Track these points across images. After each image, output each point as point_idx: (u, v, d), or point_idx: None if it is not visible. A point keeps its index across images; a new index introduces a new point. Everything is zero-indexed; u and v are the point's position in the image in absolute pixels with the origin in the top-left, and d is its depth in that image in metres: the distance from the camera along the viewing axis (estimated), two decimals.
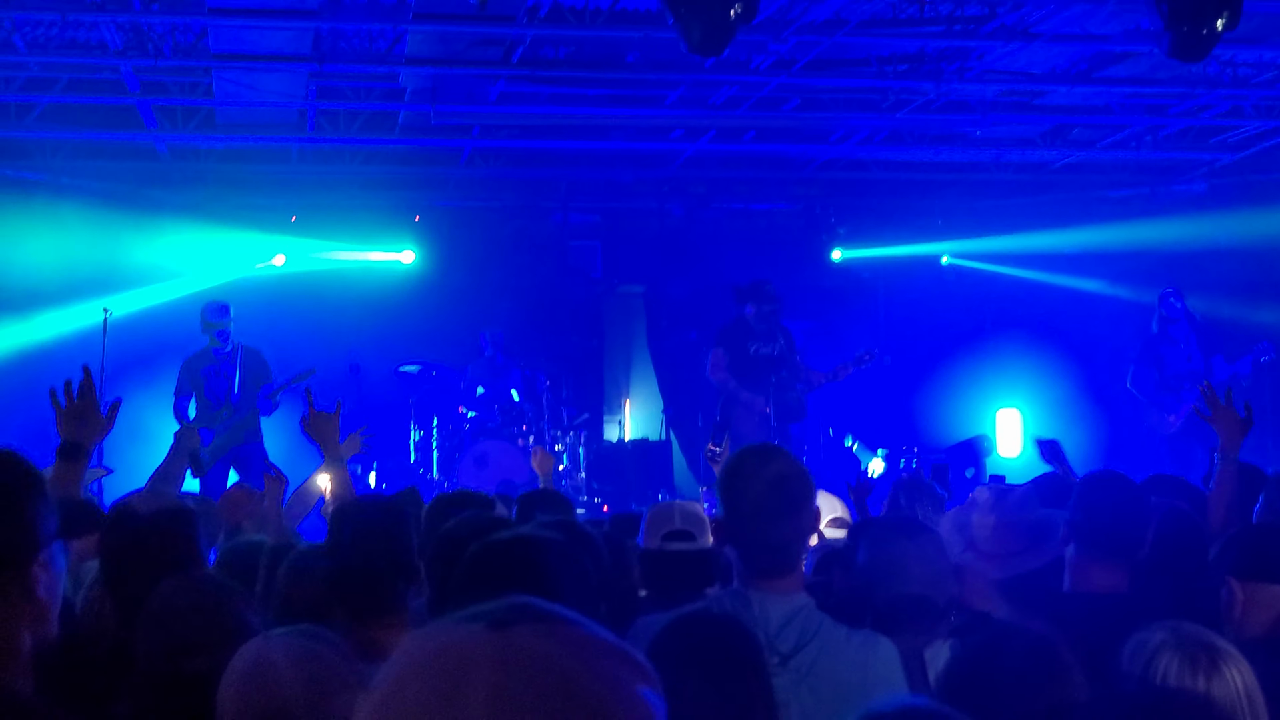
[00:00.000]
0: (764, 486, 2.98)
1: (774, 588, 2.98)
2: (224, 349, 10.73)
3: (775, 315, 10.83)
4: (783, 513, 2.97)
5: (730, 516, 3.04)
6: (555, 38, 9.98)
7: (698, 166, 13.95)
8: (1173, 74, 10.91)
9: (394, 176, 13.86)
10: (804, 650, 2.90)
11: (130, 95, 10.85)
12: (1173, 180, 14.38)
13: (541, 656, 1.07)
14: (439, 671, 1.06)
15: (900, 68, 10.73)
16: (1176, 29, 6.82)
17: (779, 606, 2.95)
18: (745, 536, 3.01)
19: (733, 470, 3.06)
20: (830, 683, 2.88)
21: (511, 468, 12.08)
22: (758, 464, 3.03)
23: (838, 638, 2.97)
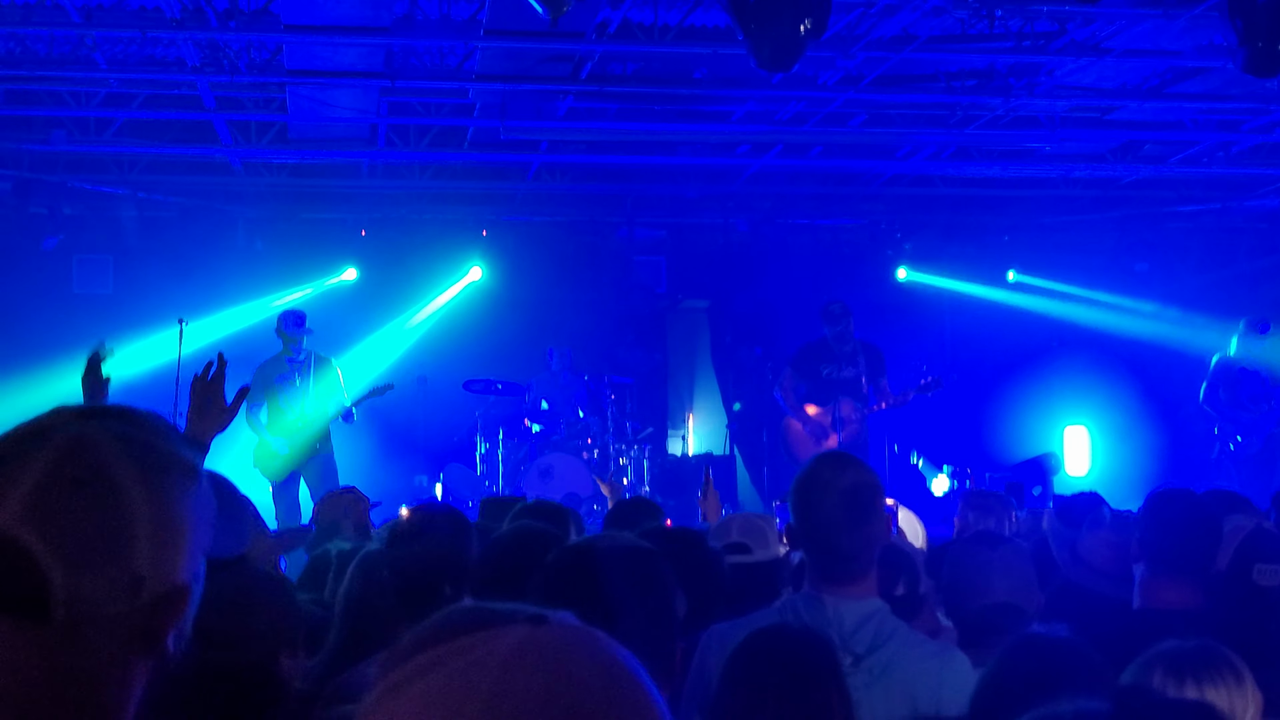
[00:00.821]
0: (837, 495, 3.02)
1: (847, 593, 3.01)
2: (297, 358, 10.85)
3: (847, 335, 10.87)
4: (855, 522, 3.01)
5: (802, 525, 3.08)
6: (623, 54, 10.05)
7: (763, 182, 13.96)
8: (1246, 90, 10.79)
9: (462, 191, 13.99)
10: (878, 652, 2.93)
11: (206, 111, 11.04)
12: (1245, 196, 14.22)
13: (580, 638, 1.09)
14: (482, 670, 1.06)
15: (969, 83, 10.70)
16: (1251, 45, 6.77)
17: (853, 609, 2.98)
18: (817, 545, 3.04)
19: (806, 479, 3.10)
20: (903, 685, 2.91)
21: (576, 481, 12.14)
22: (831, 473, 3.06)
23: (913, 643, 2.99)
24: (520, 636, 1.07)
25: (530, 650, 1.05)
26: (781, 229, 15.05)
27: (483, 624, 1.09)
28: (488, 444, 13.10)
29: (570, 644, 1.08)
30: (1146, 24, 9.11)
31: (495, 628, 1.08)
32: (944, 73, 10.58)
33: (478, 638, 1.07)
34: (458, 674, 1.04)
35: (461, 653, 1.06)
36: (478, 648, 1.06)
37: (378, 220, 13.99)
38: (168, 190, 13.14)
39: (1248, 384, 11.83)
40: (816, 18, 6.60)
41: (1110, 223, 14.92)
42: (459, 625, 1.10)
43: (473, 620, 1.10)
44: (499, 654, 1.05)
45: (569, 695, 1.04)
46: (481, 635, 1.07)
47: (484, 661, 1.04)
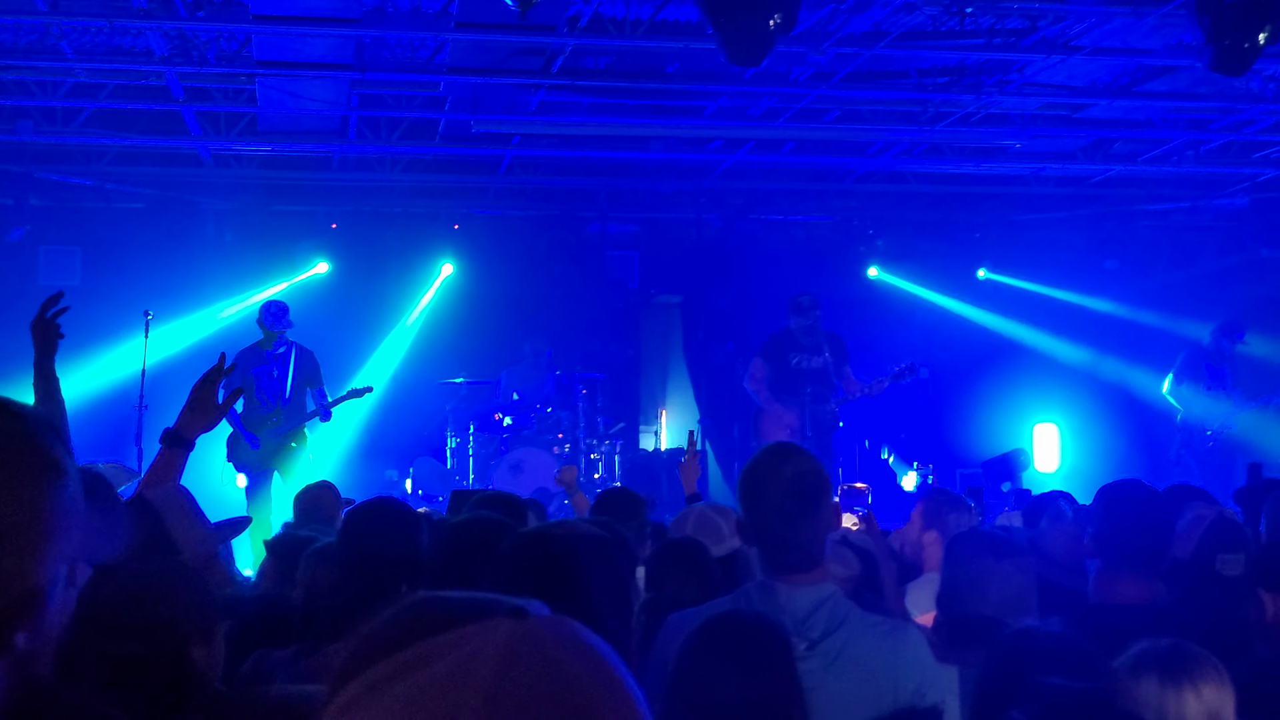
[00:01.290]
0: (783, 485, 3.02)
1: (799, 580, 3.02)
2: (277, 350, 10.61)
3: (816, 326, 10.85)
4: (802, 512, 3.02)
5: (750, 516, 3.08)
6: (596, 48, 10.03)
7: (736, 177, 13.97)
8: (1215, 88, 10.86)
9: (434, 185, 13.94)
10: (832, 636, 2.94)
11: (175, 102, 10.97)
12: (1213, 195, 14.30)
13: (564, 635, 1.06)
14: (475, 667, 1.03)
15: (940, 80, 10.73)
16: (1218, 43, 6.79)
17: (805, 595, 2.99)
18: (766, 535, 3.05)
19: (752, 471, 3.11)
20: (859, 667, 2.92)
21: (547, 475, 12.10)
22: (776, 463, 3.07)
23: (867, 625, 3.00)
24: (509, 630, 1.04)
25: (523, 644, 1.03)
26: (754, 225, 15.06)
27: (457, 618, 1.05)
28: (458, 438, 13.08)
29: (558, 636, 1.05)
30: (1116, 22, 9.15)
31: (476, 622, 1.05)
32: (915, 69, 10.60)
33: (462, 634, 1.03)
34: (449, 672, 1.01)
35: (447, 649, 1.02)
36: (465, 644, 1.02)
37: (349, 213, 13.94)
38: (136, 181, 13.06)
39: (1212, 379, 12.05)
40: (786, 13, 6.60)
41: (1080, 220, 14.99)
42: (431, 620, 1.06)
43: (445, 614, 1.07)
44: (491, 649, 1.01)
45: (566, 688, 1.01)
46: (465, 631, 1.04)
47: (476, 657, 1.01)
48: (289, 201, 13.79)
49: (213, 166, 13.05)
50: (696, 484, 6.56)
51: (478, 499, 4.48)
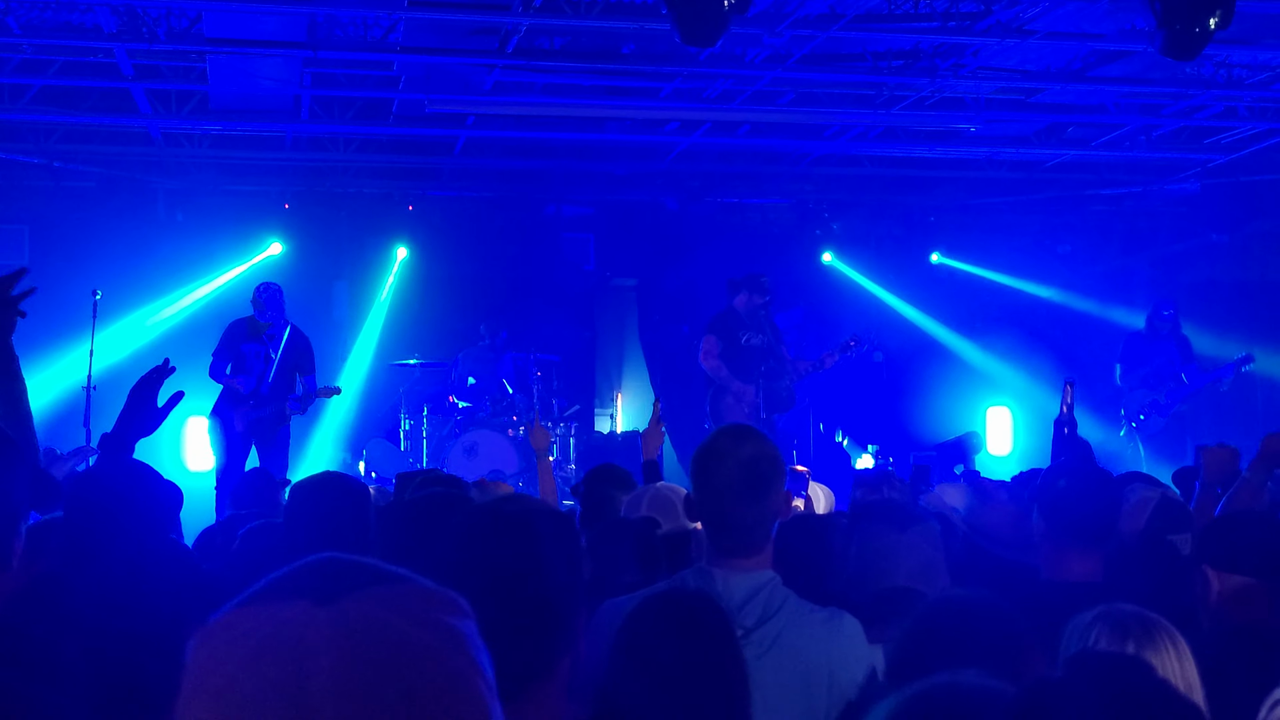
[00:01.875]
0: (735, 467, 3.01)
1: (739, 565, 3.00)
2: (274, 330, 10.37)
3: (767, 308, 10.80)
4: (751, 494, 3.00)
5: (699, 495, 3.07)
6: (551, 28, 9.97)
7: (692, 160, 13.95)
8: (1167, 74, 10.93)
9: (387, 165, 13.86)
10: (767, 625, 2.92)
11: (124, 79, 10.83)
12: (1165, 180, 14.41)
13: (378, 626, 0.99)
14: (275, 660, 0.98)
15: (895, 63, 10.74)
16: (1169, 27, 6.83)
17: (742, 582, 2.98)
18: (713, 516, 3.04)
19: (705, 450, 3.09)
20: (793, 655, 2.91)
21: (501, 458, 12.09)
22: (730, 444, 3.06)
23: (803, 613, 2.99)
24: (301, 615, 1.00)
25: (320, 631, 0.99)
26: (710, 207, 15.05)
27: (287, 593, 1.02)
28: (412, 421, 13.01)
29: (354, 628, 1.00)
30: (1070, 6, 9.19)
31: (286, 601, 1.01)
32: (870, 52, 10.61)
33: (295, 616, 1.00)
34: (252, 651, 0.99)
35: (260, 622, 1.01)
36: (268, 623, 1.00)
37: (302, 193, 13.82)
38: (85, 160, 12.89)
39: (1154, 363, 12.16)
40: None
41: (1034, 205, 15.07)
42: (280, 604, 1.03)
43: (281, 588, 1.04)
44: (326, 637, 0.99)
45: (411, 660, 0.99)
46: (276, 608, 1.01)
47: (276, 637, 0.99)
48: (241, 181, 13.67)
49: (163, 145, 12.91)
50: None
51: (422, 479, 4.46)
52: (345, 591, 1.01)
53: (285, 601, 1.01)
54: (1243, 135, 12.94)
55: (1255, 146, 13.10)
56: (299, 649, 0.98)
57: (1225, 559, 3.30)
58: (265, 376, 10.31)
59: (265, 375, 10.31)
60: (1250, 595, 3.24)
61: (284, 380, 10.41)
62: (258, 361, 10.34)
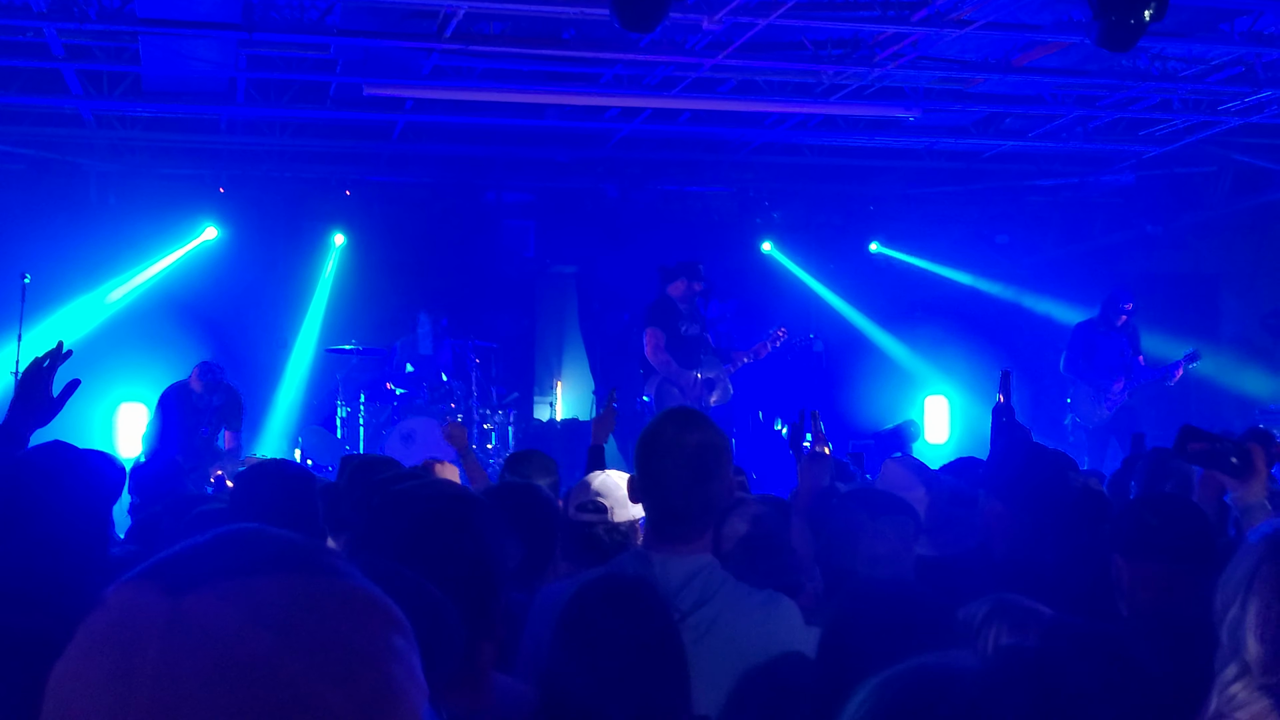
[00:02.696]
0: (684, 452, 2.99)
1: (677, 550, 2.98)
2: (206, 395, 10.54)
3: (704, 295, 10.80)
4: (697, 480, 2.98)
5: (644, 480, 3.04)
6: (490, 12, 9.88)
7: (633, 147, 13.91)
8: (1103, 66, 11.02)
9: (325, 149, 13.72)
10: (703, 608, 2.91)
11: (54, 59, 10.63)
12: (1101, 171, 14.55)
13: (215, 626, 0.93)
14: (114, 644, 0.94)
15: (835, 52, 10.74)
16: (1105, 19, 6.88)
17: (679, 565, 2.96)
18: (658, 501, 3.01)
19: (652, 435, 3.06)
20: (729, 639, 2.90)
21: (438, 446, 11.96)
22: (679, 430, 3.03)
23: (739, 596, 2.98)
24: (145, 603, 0.96)
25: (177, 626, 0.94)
26: (651, 195, 15.03)
27: (151, 576, 0.98)
28: (349, 408, 12.90)
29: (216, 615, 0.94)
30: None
31: (143, 585, 0.97)
32: (810, 41, 10.61)
33: (141, 604, 0.96)
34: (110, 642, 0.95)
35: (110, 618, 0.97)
36: (117, 609, 0.96)
37: (237, 177, 13.67)
38: (15, 141, 12.66)
39: (1103, 354, 12.13)
40: None
41: (972, 195, 15.18)
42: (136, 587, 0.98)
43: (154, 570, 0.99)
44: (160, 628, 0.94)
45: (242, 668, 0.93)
46: (133, 592, 0.97)
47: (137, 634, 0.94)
48: (175, 165, 13.50)
49: (95, 127, 12.69)
50: None
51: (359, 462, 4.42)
52: (202, 582, 0.96)
53: (143, 585, 0.97)
54: (1177, 128, 13.07)
55: (1189, 139, 13.24)
56: (132, 640, 0.93)
57: (1133, 546, 3.31)
58: (194, 433, 10.43)
59: (195, 434, 10.43)
60: (1162, 581, 3.25)
61: (213, 437, 10.58)
62: (188, 430, 10.44)
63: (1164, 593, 3.24)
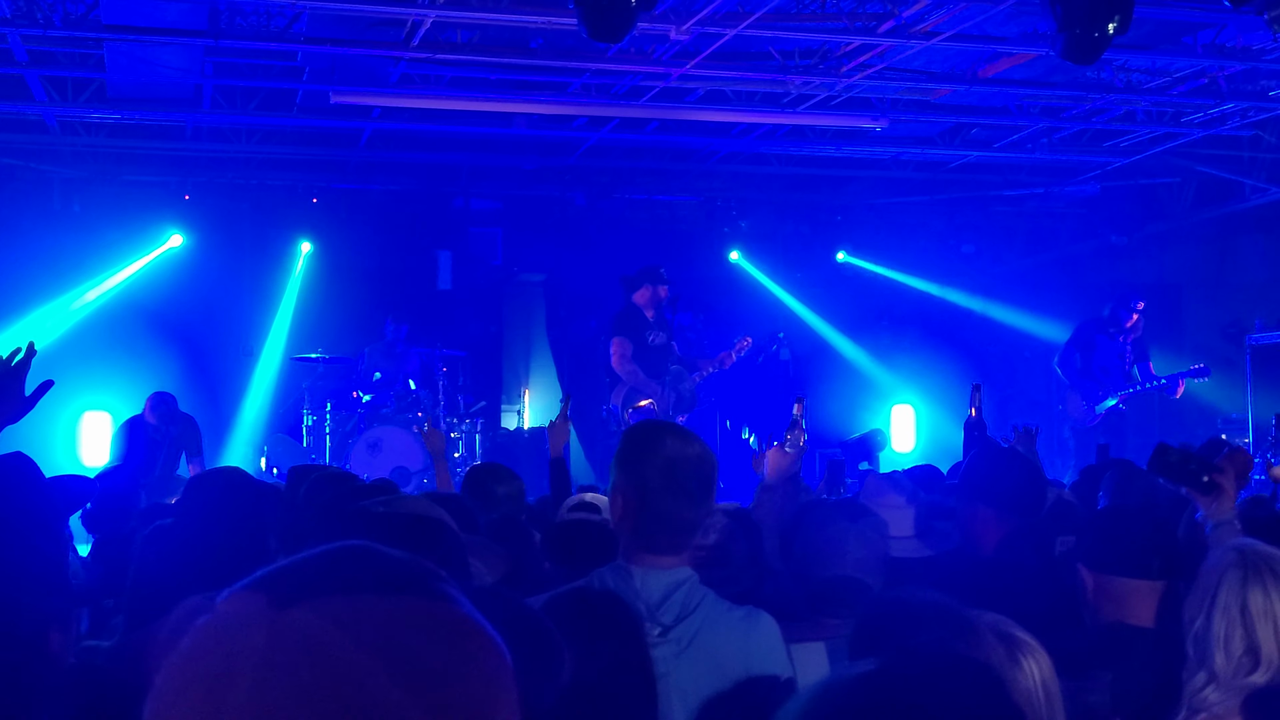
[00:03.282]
0: (688, 466, 2.95)
1: (659, 563, 2.96)
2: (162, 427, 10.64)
3: (672, 302, 10.76)
4: (699, 494, 2.96)
5: (640, 492, 2.96)
6: (458, 21, 9.87)
7: (600, 156, 13.92)
8: (1068, 77, 11.11)
9: (291, 157, 13.66)
10: (685, 622, 2.89)
11: (18, 65, 10.56)
12: (1066, 182, 14.65)
13: (313, 641, 0.93)
14: (217, 650, 0.94)
15: (802, 62, 10.78)
16: (1069, 31, 6.92)
17: (660, 579, 2.94)
18: (655, 514, 2.95)
19: (649, 447, 2.99)
20: (710, 655, 2.89)
21: (405, 454, 11.98)
22: (679, 443, 2.99)
23: (720, 611, 2.97)
24: (250, 612, 0.96)
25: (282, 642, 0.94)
26: (618, 203, 15.05)
27: (263, 585, 0.98)
28: (315, 416, 12.84)
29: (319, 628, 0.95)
30: (973, 8, 9.28)
31: (253, 595, 0.98)
32: (778, 51, 10.64)
33: (245, 612, 0.96)
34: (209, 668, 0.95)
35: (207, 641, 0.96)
36: (224, 615, 0.97)
37: (203, 185, 13.59)
38: None
39: (1102, 356, 11.84)
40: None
41: (938, 205, 15.26)
42: (243, 595, 0.99)
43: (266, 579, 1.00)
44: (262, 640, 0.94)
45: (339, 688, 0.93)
46: (242, 601, 0.97)
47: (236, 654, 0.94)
48: (140, 171, 13.42)
49: (59, 134, 12.60)
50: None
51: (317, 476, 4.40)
52: (307, 596, 0.96)
53: (251, 595, 0.97)
54: (1141, 139, 13.19)
55: (1153, 150, 13.36)
56: (234, 647, 0.94)
57: (1097, 559, 3.33)
58: (153, 463, 10.47)
59: (153, 462, 10.47)
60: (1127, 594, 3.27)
61: (171, 462, 10.68)
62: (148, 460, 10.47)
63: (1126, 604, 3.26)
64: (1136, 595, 3.26)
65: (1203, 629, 2.76)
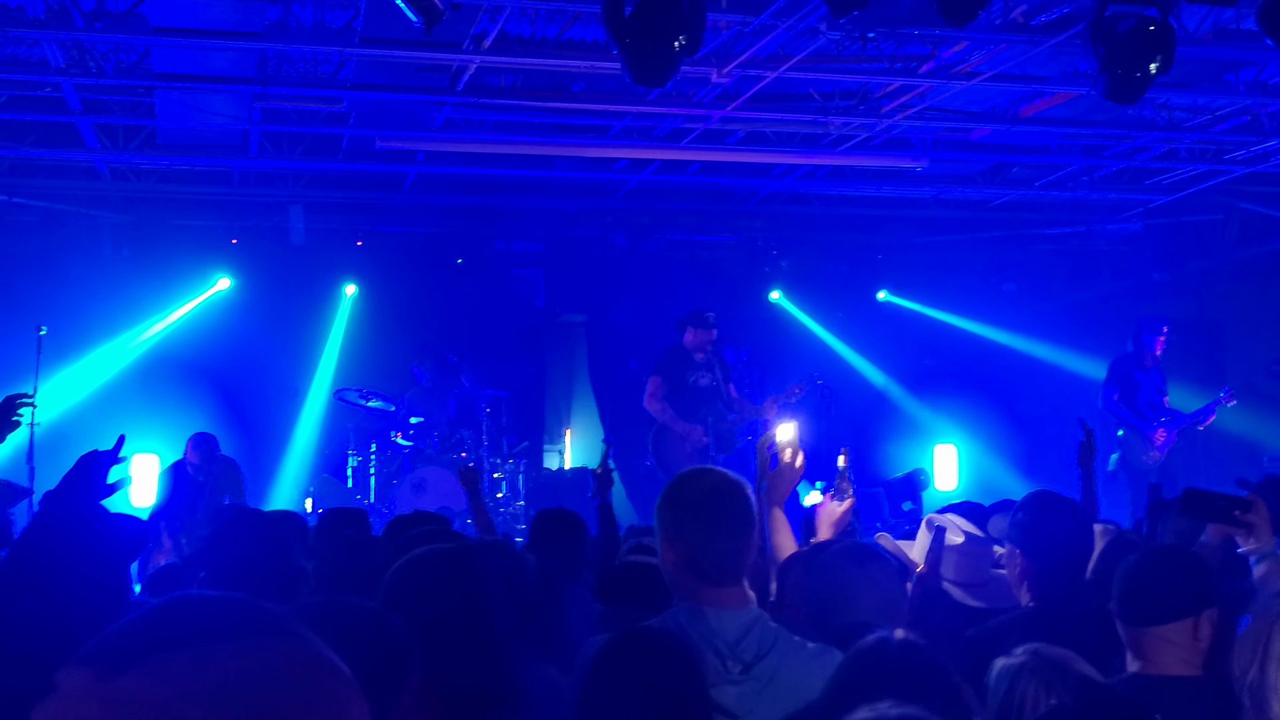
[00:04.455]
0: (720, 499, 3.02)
1: (725, 601, 3.01)
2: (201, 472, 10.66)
3: (715, 344, 10.82)
4: (738, 526, 3.02)
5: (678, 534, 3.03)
6: (502, 66, 10.00)
7: (641, 197, 14.01)
8: (1109, 116, 11.11)
9: (337, 200, 13.81)
10: (765, 659, 2.94)
11: (71, 113, 10.76)
12: (1108, 220, 14.62)
13: (149, 707, 0.92)
14: None
15: (843, 103, 10.84)
16: (1112, 72, 6.95)
17: (734, 618, 2.99)
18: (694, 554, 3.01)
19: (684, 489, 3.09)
20: (792, 689, 2.92)
21: (450, 494, 12.02)
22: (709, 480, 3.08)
23: (795, 648, 3.01)
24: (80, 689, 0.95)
25: None
26: (659, 243, 15.12)
27: (85, 659, 0.97)
28: (359, 457, 12.93)
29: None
30: (1014, 49, 9.32)
31: (79, 670, 0.96)
32: (819, 92, 10.71)
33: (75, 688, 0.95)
34: None
35: None
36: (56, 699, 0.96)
37: (250, 228, 13.75)
38: (29, 193, 12.77)
39: (1144, 392, 11.62)
40: (691, 35, 6.64)
41: (979, 243, 15.24)
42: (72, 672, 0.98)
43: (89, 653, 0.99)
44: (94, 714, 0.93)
45: None
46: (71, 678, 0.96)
47: None
48: (188, 216, 13.59)
49: (109, 179, 12.80)
50: None
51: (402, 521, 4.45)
52: (132, 662, 0.95)
53: (80, 671, 0.96)
54: (1183, 176, 13.17)
55: (1195, 187, 13.33)
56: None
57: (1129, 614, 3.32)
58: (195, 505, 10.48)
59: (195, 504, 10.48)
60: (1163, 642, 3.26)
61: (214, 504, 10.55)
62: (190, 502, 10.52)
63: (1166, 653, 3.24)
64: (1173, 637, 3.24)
65: (1257, 680, 2.74)
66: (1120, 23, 6.93)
